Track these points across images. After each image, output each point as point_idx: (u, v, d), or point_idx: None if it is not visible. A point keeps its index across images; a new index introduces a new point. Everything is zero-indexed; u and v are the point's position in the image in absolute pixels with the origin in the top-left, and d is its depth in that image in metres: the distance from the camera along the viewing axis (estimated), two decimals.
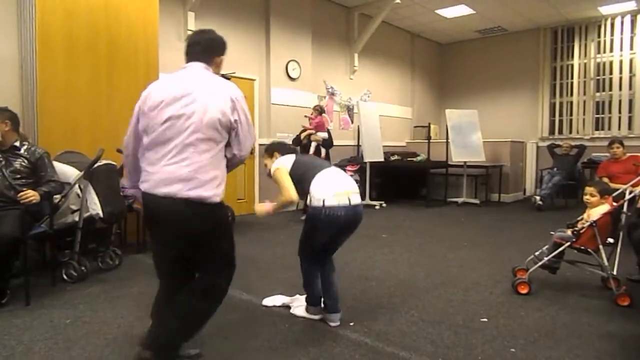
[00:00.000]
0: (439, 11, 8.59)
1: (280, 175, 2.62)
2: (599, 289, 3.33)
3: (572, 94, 9.23)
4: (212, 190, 1.96)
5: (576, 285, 3.45)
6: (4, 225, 2.88)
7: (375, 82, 9.27)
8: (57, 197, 3.37)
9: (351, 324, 2.70)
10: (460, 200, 8.10)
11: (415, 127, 10.18)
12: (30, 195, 3.00)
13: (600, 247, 3.15)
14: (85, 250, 3.73)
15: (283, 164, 2.66)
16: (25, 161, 3.21)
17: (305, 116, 6.42)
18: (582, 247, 3.19)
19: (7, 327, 2.63)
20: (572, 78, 9.22)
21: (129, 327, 2.66)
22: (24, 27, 4.35)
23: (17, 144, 3.25)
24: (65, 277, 3.47)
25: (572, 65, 9.20)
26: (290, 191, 2.55)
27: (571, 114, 9.26)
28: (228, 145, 2.06)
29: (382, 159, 8.01)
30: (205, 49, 2.19)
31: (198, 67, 2.12)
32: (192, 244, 2.01)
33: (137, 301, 3.10)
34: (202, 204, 1.94)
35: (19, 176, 3.16)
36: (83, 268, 3.52)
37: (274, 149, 2.86)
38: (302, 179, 2.61)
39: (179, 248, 2.04)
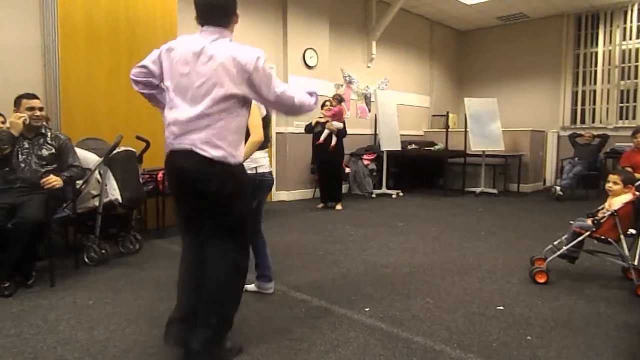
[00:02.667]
0: None
1: (258, 115, 2.59)
2: (619, 280, 3.28)
3: (595, 83, 9.01)
4: None
5: (596, 275, 3.41)
6: (30, 209, 2.97)
7: (393, 71, 9.18)
8: (79, 182, 3.45)
9: (367, 309, 2.72)
10: (478, 190, 8.02)
11: (434, 116, 10.08)
12: (54, 180, 3.09)
13: (622, 237, 3.10)
14: (107, 235, 3.83)
15: (261, 107, 2.64)
16: (52, 148, 3.30)
17: (323, 107, 6.37)
18: (603, 237, 3.14)
19: (34, 307, 2.72)
20: (596, 66, 8.99)
21: (149, 309, 2.72)
22: (47, 15, 4.43)
23: (44, 130, 3.34)
24: (87, 260, 3.56)
25: (597, 53, 8.97)
26: (261, 132, 2.60)
27: (594, 103, 9.05)
28: None
29: (400, 148, 7.96)
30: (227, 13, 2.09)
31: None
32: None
33: (157, 284, 3.17)
34: None
35: (44, 162, 3.25)
36: (104, 252, 3.61)
37: None
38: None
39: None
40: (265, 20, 6.84)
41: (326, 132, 6.18)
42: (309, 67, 7.31)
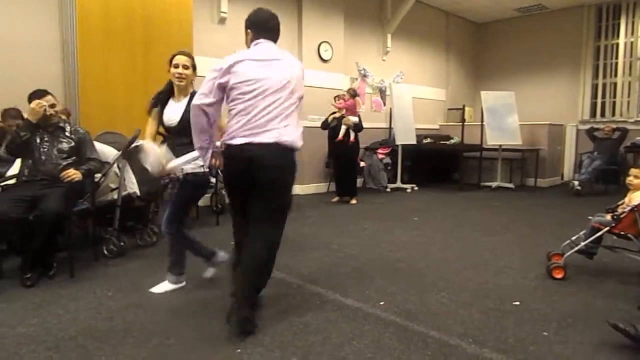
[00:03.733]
0: None
1: None
2: (638, 276, 3.23)
3: (616, 75, 8.82)
4: None
5: (614, 271, 3.35)
6: (50, 201, 3.03)
7: (409, 64, 9.11)
8: (98, 175, 3.51)
9: (381, 303, 2.72)
10: (494, 184, 7.94)
11: (449, 109, 9.98)
12: (72, 173, 3.15)
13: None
14: (125, 227, 3.89)
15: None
16: (71, 141, 3.36)
17: (335, 98, 6.37)
18: (622, 233, 3.09)
19: (55, 298, 2.78)
20: (616, 58, 8.80)
21: (166, 300, 2.77)
22: (65, 11, 4.50)
23: (63, 124, 3.39)
24: (105, 252, 3.63)
25: (617, 45, 8.77)
26: None
27: (614, 96, 8.86)
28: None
29: (415, 142, 7.91)
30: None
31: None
32: None
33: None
34: None
35: (64, 155, 3.31)
36: (122, 243, 3.67)
37: None
38: None
39: None
40: (279, 13, 6.73)
41: (343, 128, 6.17)
42: (324, 61, 7.30)
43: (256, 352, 2.14)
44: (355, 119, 6.25)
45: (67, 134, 3.37)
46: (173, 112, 2.84)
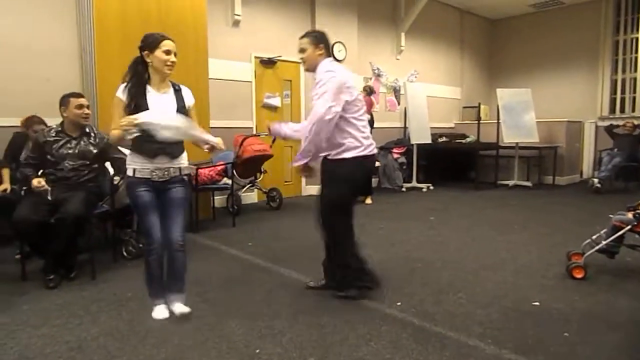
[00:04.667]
0: None
1: None
2: None
3: (636, 70, 8.64)
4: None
5: (636, 270, 3.29)
6: (71, 204, 3.08)
7: (423, 62, 9.05)
8: (117, 178, 3.57)
9: (398, 303, 2.72)
10: (511, 182, 7.84)
11: (465, 107, 9.89)
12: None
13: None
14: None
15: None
16: (95, 147, 3.39)
17: None
18: None
19: (77, 299, 2.84)
20: (636, 52, 8.61)
21: (187, 304, 2.80)
22: (82, 18, 4.58)
23: (88, 130, 3.42)
24: (125, 253, 3.69)
25: (637, 39, 8.59)
26: None
27: (634, 91, 8.68)
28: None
29: (430, 141, 7.86)
30: None
31: None
32: None
33: (191, 276, 3.23)
34: None
35: (87, 162, 3.34)
36: (140, 245, 3.72)
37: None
38: None
39: None
40: (293, 14, 6.85)
41: None
42: (338, 61, 7.26)
43: (275, 352, 2.15)
44: (367, 116, 6.22)
45: (91, 140, 3.39)
46: (161, 106, 2.43)
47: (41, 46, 4.53)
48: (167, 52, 2.43)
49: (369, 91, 6.40)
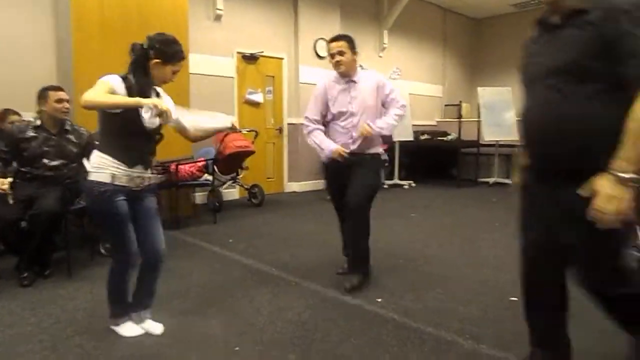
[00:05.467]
0: None
1: None
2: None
3: None
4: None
5: None
6: (46, 200, 3.01)
7: (405, 60, 9.09)
8: None
9: (379, 300, 2.73)
10: (491, 180, 7.95)
11: (446, 105, 9.97)
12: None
13: (637, 227, 3.04)
14: None
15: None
16: (76, 146, 3.30)
17: None
18: None
19: (53, 297, 2.78)
20: None
21: (163, 298, 2.75)
22: (60, 10, 4.47)
23: (68, 126, 3.30)
24: (102, 251, 3.62)
25: None
26: None
27: None
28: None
29: (412, 138, 7.91)
30: None
31: None
32: None
33: (170, 274, 3.20)
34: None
35: (68, 161, 3.25)
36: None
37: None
38: None
39: None
40: (276, 10, 6.81)
41: None
42: (320, 58, 7.27)
43: (255, 350, 2.14)
44: None
45: (71, 138, 3.28)
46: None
47: (16, 38, 4.41)
48: (174, 73, 2.18)
49: None
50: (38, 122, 3.21)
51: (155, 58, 2.09)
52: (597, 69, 1.41)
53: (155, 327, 2.32)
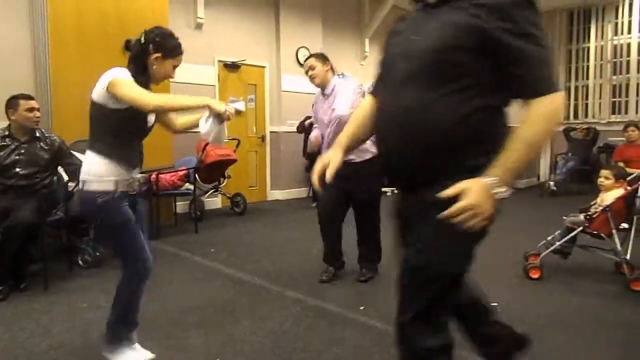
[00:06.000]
0: None
1: None
2: (612, 274, 3.30)
3: (588, 78, 9.05)
4: None
5: (589, 270, 3.42)
6: (22, 212, 2.94)
7: None
8: (71, 184, 3.43)
9: (361, 307, 2.72)
10: None
11: None
12: None
13: (614, 231, 3.12)
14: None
15: None
16: (47, 153, 3.24)
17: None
18: (595, 232, 3.16)
19: (27, 311, 2.70)
20: (588, 61, 9.02)
21: (142, 311, 2.70)
22: (36, 16, 4.40)
23: (38, 134, 3.25)
24: (80, 262, 3.55)
25: (589, 48, 9.00)
26: None
27: (587, 98, 9.09)
28: None
29: None
30: None
31: None
32: None
33: (150, 285, 3.14)
34: None
35: (40, 169, 3.19)
36: (97, 254, 3.59)
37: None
38: None
39: None
40: (257, 18, 6.82)
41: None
42: (302, 66, 7.28)
43: None
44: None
45: (42, 145, 3.23)
46: None
47: None
48: (175, 67, 2.03)
49: None
50: (6, 132, 3.16)
51: (155, 52, 1.93)
52: (466, 64, 1.19)
53: (146, 355, 2.12)
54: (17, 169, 3.12)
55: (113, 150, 1.92)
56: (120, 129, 1.93)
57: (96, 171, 1.91)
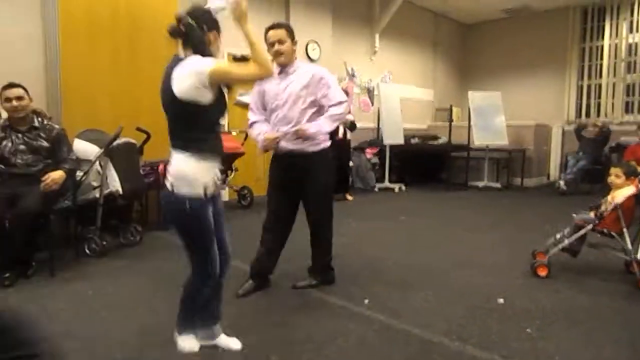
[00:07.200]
0: None
1: None
2: (621, 273, 3.25)
3: (601, 76, 8.92)
4: None
5: (598, 268, 3.38)
6: (30, 200, 2.97)
7: (397, 64, 9.12)
8: (79, 173, 3.45)
9: (366, 301, 2.71)
10: (481, 184, 7.97)
11: (437, 109, 10.01)
12: (51, 181, 3.04)
13: (624, 230, 3.07)
14: (108, 226, 3.83)
15: None
16: (45, 141, 3.26)
17: None
18: (605, 230, 3.12)
19: (33, 297, 2.73)
20: (601, 59, 8.90)
21: (147, 299, 2.72)
22: (47, 7, 4.41)
23: (36, 123, 3.28)
24: (87, 251, 3.57)
25: (602, 46, 8.87)
26: None
27: (599, 97, 8.97)
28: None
29: (402, 142, 7.92)
30: None
31: None
32: None
33: (155, 275, 3.17)
34: None
35: (39, 156, 3.22)
36: (104, 243, 3.62)
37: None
38: None
39: None
40: (267, 12, 6.79)
41: (341, 126, 6.33)
42: (312, 60, 7.27)
43: (238, 351, 2.10)
44: (351, 117, 6.45)
45: (40, 133, 3.26)
46: None
47: (4, 35, 4.34)
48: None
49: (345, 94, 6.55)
50: (7, 123, 3.21)
51: (210, 31, 1.91)
52: None
53: (232, 343, 2.12)
54: (19, 160, 3.17)
55: (204, 146, 1.85)
56: (210, 121, 1.88)
57: (187, 174, 1.82)
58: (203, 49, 1.86)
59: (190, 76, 1.75)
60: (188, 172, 1.82)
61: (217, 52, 1.94)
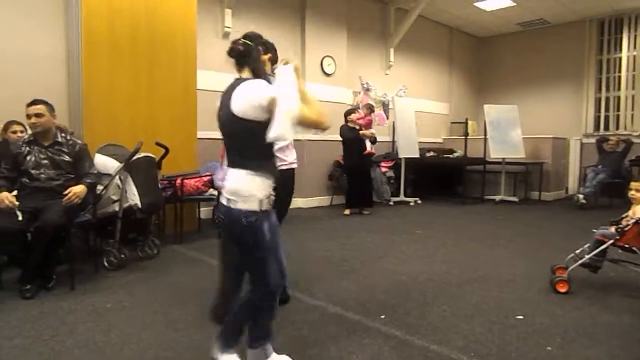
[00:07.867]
0: (477, 4, 8.38)
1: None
2: None
3: (619, 89, 8.81)
4: None
5: (619, 285, 3.30)
6: (51, 213, 3.02)
7: (412, 78, 9.14)
8: (99, 187, 3.52)
9: (382, 317, 2.69)
10: (497, 197, 7.89)
11: (452, 123, 9.98)
12: (75, 197, 3.11)
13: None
14: (126, 240, 3.88)
15: None
16: (67, 156, 3.34)
17: (349, 114, 6.48)
18: (627, 245, 3.06)
19: (54, 310, 2.77)
20: (619, 72, 8.79)
21: (164, 313, 2.75)
22: (71, 27, 4.57)
23: (60, 139, 3.37)
24: (106, 264, 3.62)
25: (620, 58, 8.78)
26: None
27: (618, 110, 8.84)
28: None
29: (418, 155, 7.91)
30: None
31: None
32: None
33: (173, 289, 3.20)
34: None
35: (62, 171, 3.30)
36: (123, 256, 3.66)
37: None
38: None
39: None
40: (283, 28, 6.90)
41: (367, 141, 6.59)
42: (327, 75, 7.34)
43: None
44: (374, 131, 6.72)
45: (63, 148, 3.34)
46: None
47: (27, 52, 4.49)
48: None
49: (371, 109, 7.10)
50: (31, 138, 3.31)
51: (265, 53, 1.99)
52: None
53: None
54: (43, 175, 3.24)
55: (264, 163, 1.89)
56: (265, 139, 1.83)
57: (244, 190, 1.84)
58: (260, 70, 1.94)
59: (249, 97, 1.83)
60: (244, 189, 1.85)
61: (266, 76, 1.97)
